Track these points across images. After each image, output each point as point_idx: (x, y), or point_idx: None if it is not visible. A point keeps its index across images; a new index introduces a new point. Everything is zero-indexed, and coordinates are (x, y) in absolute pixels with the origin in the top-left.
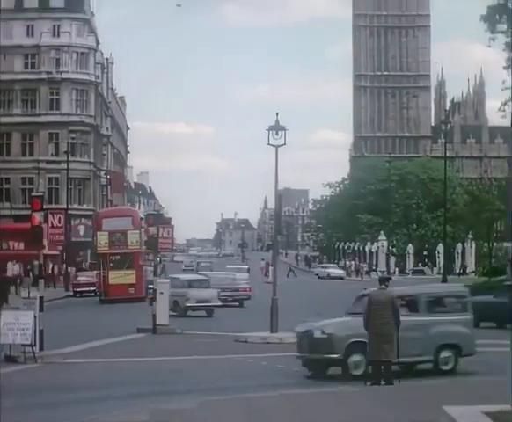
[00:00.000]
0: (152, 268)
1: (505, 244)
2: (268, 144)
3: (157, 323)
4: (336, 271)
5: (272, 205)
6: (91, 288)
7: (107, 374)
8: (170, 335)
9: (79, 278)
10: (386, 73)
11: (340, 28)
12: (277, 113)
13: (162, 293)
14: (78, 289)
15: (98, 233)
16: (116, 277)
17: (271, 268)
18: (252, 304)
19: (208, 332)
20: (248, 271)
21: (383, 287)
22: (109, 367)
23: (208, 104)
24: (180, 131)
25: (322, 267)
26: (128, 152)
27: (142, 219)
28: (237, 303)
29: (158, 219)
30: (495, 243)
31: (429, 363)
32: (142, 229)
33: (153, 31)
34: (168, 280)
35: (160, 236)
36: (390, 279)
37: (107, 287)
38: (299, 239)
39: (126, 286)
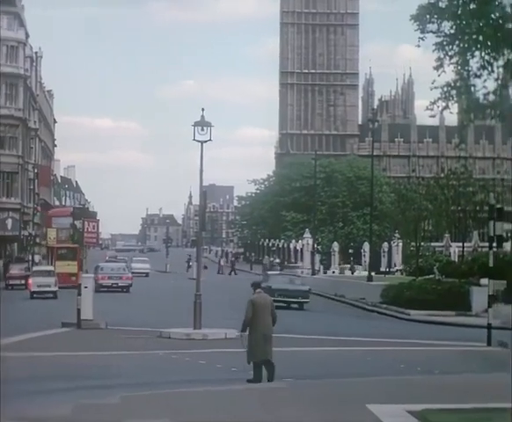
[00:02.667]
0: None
1: (431, 244)
2: (194, 140)
3: (82, 317)
4: None
5: (197, 201)
6: (23, 281)
7: (29, 368)
8: (94, 330)
9: (12, 271)
10: (313, 71)
11: (268, 25)
12: (203, 109)
13: (86, 287)
14: (11, 282)
15: (48, 229)
16: (61, 266)
17: (195, 264)
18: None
19: (132, 328)
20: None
21: (259, 290)
22: (31, 362)
23: (135, 99)
24: (107, 126)
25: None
26: (56, 146)
27: None
28: (123, 290)
29: (84, 213)
30: (422, 243)
31: None
32: None
33: (81, 26)
34: (92, 275)
35: (85, 230)
36: (260, 283)
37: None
38: (224, 235)
39: (69, 274)
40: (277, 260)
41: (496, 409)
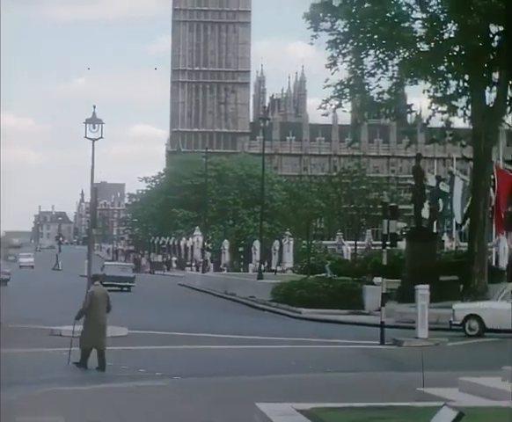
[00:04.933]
0: None
1: (323, 242)
2: (85, 137)
3: None
4: None
5: (89, 198)
6: None
7: None
8: None
9: None
10: (205, 68)
11: (161, 23)
12: (94, 107)
13: None
14: None
15: None
16: None
17: (86, 261)
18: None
19: (25, 325)
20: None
21: (97, 283)
22: None
23: (26, 96)
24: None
25: None
26: None
27: None
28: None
29: None
30: (314, 241)
31: None
32: None
33: None
34: None
35: None
36: (100, 276)
37: None
38: (115, 233)
39: None
40: (176, 260)
41: (388, 407)
